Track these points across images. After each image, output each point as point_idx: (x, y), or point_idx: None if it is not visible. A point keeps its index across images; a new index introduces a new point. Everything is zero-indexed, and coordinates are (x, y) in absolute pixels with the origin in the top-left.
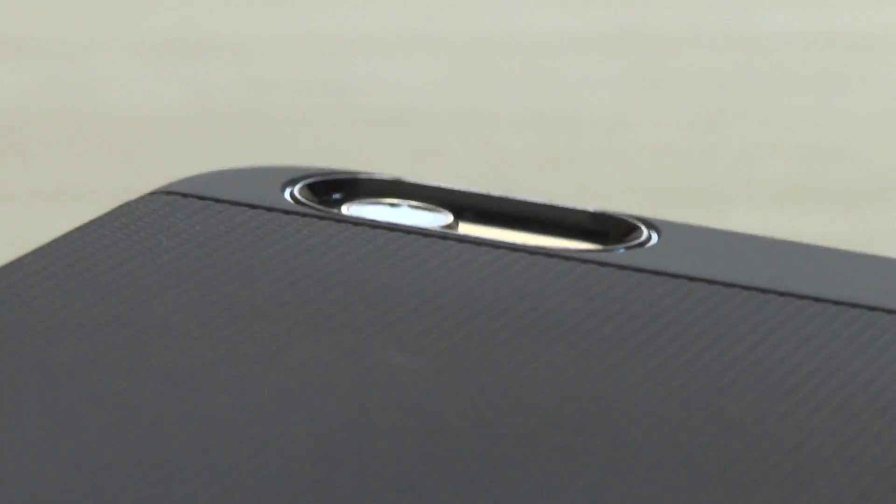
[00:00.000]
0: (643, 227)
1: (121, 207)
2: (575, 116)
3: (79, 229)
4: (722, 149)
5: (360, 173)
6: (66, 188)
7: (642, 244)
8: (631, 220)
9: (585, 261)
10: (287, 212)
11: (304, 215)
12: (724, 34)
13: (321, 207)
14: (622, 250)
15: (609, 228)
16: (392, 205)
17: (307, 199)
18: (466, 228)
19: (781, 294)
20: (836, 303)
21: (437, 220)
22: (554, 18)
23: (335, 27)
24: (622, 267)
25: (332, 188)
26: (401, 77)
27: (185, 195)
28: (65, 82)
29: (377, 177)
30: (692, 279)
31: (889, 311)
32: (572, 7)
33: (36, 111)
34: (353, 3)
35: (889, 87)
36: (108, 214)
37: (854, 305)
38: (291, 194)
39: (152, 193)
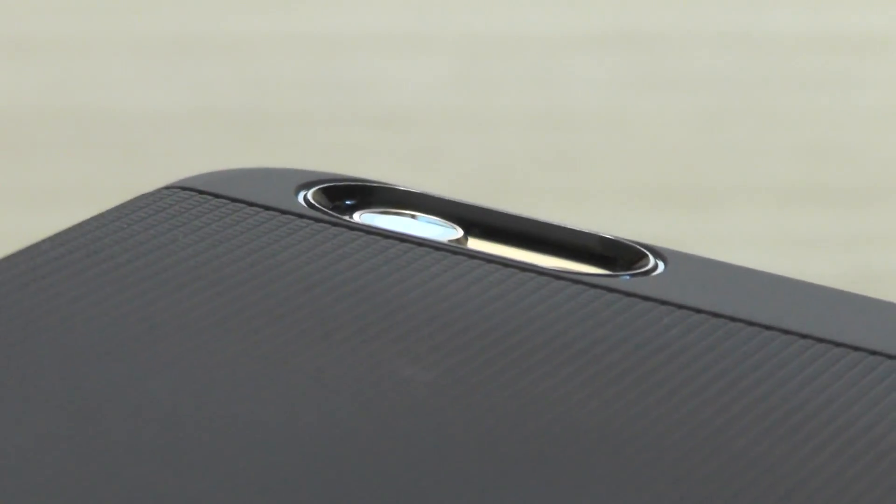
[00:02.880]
0: (650, 256)
1: (136, 199)
2: (575, 116)
3: (95, 218)
4: (722, 149)
5: (372, 182)
6: (66, 188)
7: (648, 272)
8: (638, 248)
9: (593, 285)
10: (301, 216)
11: (318, 220)
12: (724, 34)
13: (334, 214)
14: (628, 277)
15: (616, 254)
16: (403, 216)
17: (320, 203)
18: (475, 244)
19: (785, 332)
20: (838, 344)
21: (446, 233)
22: (554, 19)
23: (335, 27)
24: (628, 294)
25: (345, 194)
26: (401, 77)
27: (200, 192)
28: (65, 82)
29: (390, 186)
30: (697, 311)
31: (890, 357)
32: (572, 7)
33: (36, 111)
34: (353, 3)
35: (889, 87)
36: (123, 206)
37: (856, 348)
38: (305, 198)
39: (167, 188)
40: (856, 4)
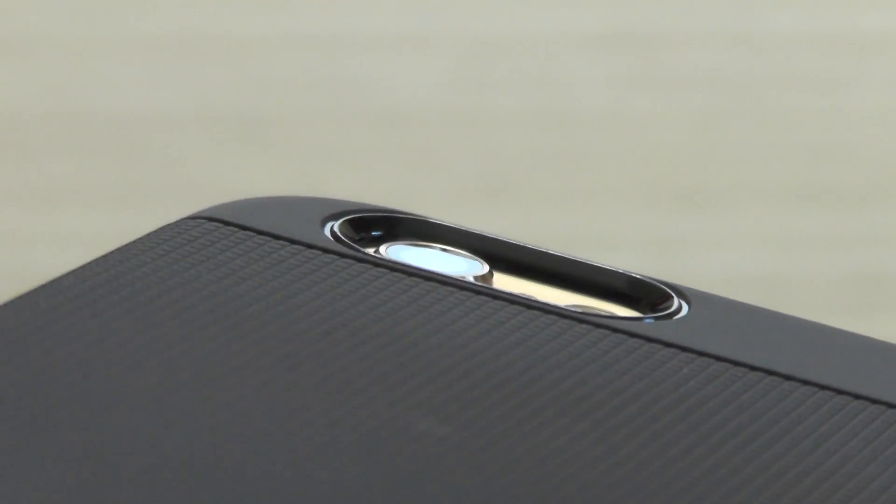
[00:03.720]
0: (674, 297)
1: (161, 230)
2: (575, 116)
3: (119, 251)
4: (722, 149)
5: (400, 213)
6: (66, 188)
7: (672, 315)
8: (663, 287)
9: (615, 329)
10: (326, 250)
11: (343, 256)
12: (724, 34)
13: (360, 248)
14: (651, 321)
15: (640, 294)
16: (429, 248)
17: (346, 235)
18: (500, 279)
19: (805, 382)
20: (857, 397)
21: (472, 268)
22: (554, 19)
23: (335, 27)
24: (650, 339)
25: (372, 225)
26: (401, 77)
27: (225, 223)
28: (65, 82)
29: (418, 218)
30: (718, 358)
31: None
32: (572, 7)
33: (36, 111)
34: (353, 3)
35: (889, 87)
36: (148, 237)
37: (874, 401)
38: (331, 230)
39: (193, 217)
40: (856, 4)
